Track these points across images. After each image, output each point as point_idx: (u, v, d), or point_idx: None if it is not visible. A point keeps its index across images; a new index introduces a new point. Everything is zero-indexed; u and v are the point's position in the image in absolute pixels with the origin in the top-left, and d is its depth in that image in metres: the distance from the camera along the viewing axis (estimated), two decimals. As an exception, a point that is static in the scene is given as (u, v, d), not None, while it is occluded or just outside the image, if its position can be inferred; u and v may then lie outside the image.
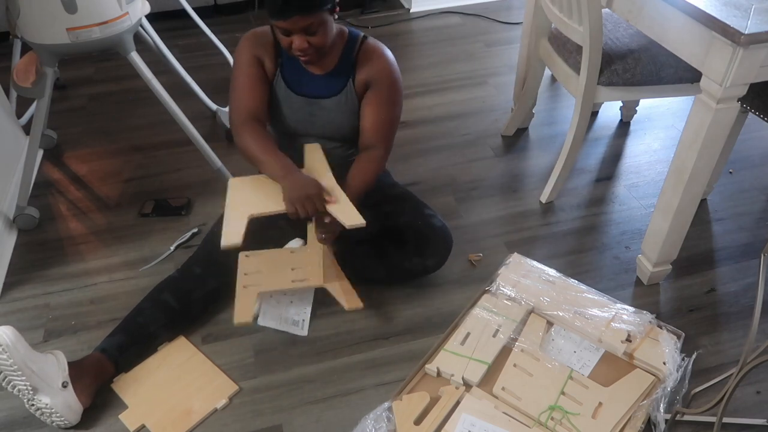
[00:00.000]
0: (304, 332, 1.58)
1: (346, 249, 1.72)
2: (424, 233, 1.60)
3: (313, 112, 1.55)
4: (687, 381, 1.43)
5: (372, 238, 1.65)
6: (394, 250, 1.63)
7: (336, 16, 1.43)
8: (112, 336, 1.49)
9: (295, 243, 1.67)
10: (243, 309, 1.48)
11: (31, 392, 1.28)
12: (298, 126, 1.58)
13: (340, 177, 1.51)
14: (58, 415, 1.32)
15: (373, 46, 1.54)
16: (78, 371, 1.38)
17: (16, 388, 1.28)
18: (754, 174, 2.09)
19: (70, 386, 1.34)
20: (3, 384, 1.28)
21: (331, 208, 1.42)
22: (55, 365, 1.34)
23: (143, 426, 1.38)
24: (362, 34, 1.55)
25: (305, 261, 1.56)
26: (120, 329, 1.50)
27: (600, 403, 1.37)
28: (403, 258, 1.61)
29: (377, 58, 1.52)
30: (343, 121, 1.57)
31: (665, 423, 1.33)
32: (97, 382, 1.42)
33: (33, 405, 1.31)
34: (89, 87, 2.68)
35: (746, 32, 1.18)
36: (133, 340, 1.49)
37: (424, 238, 1.60)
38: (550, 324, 1.57)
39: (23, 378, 1.26)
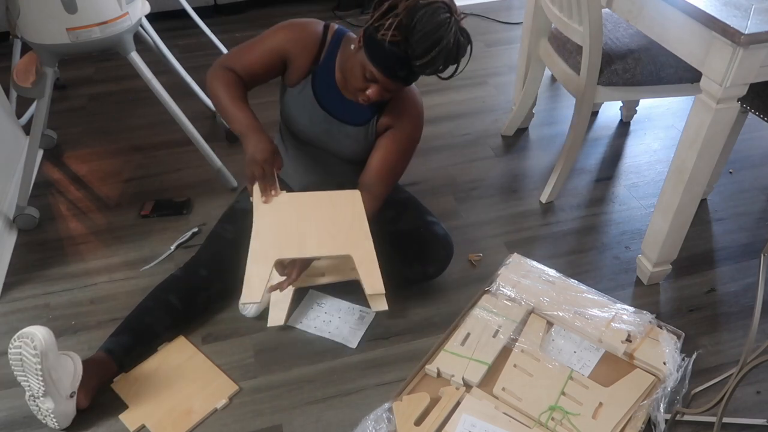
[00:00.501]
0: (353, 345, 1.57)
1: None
2: (426, 241, 1.60)
3: (331, 131, 1.52)
4: (687, 381, 1.43)
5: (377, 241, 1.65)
6: (394, 256, 1.62)
7: None
8: (117, 336, 1.48)
9: None
10: (276, 312, 1.55)
11: (40, 394, 1.29)
12: (312, 137, 1.54)
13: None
14: (53, 419, 1.33)
15: (409, 94, 1.50)
16: (86, 374, 1.38)
17: (28, 385, 1.29)
18: (754, 174, 2.09)
19: (75, 396, 1.35)
20: (18, 375, 1.29)
21: (361, 269, 1.39)
22: (71, 374, 1.34)
23: (143, 426, 1.38)
24: None
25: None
26: (125, 329, 1.49)
27: (600, 404, 1.37)
28: (404, 265, 1.61)
29: (407, 107, 1.49)
30: (357, 151, 1.54)
31: (665, 423, 1.33)
32: (100, 384, 1.42)
33: (34, 403, 1.32)
34: (89, 87, 2.68)
35: (746, 32, 1.18)
36: (139, 341, 1.49)
37: (425, 245, 1.60)
38: (550, 324, 1.57)
39: (42, 383, 1.27)
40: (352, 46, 1.37)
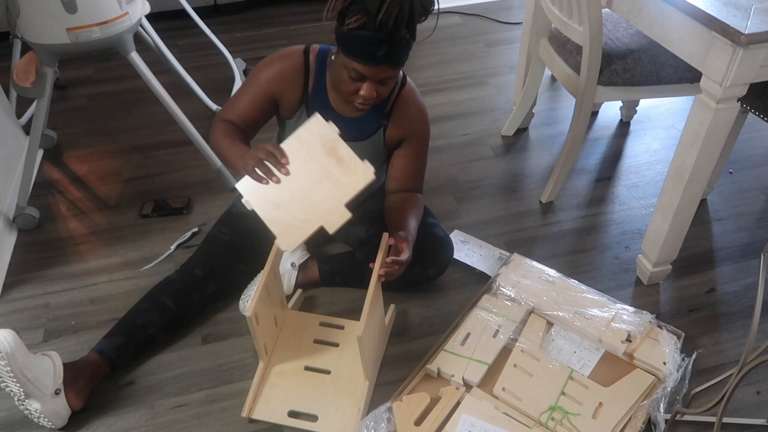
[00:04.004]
0: None
1: (344, 254, 1.72)
2: (427, 244, 1.59)
3: None
4: (687, 381, 1.43)
5: (373, 244, 1.64)
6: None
7: None
8: (109, 337, 1.48)
9: None
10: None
11: (23, 396, 1.29)
12: None
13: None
14: (44, 419, 1.33)
15: (410, 97, 1.47)
16: (73, 373, 1.38)
17: (9, 389, 1.29)
18: (754, 174, 2.09)
19: (62, 393, 1.35)
20: None
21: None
22: (50, 372, 1.33)
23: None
24: (400, 74, 1.45)
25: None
26: (117, 330, 1.49)
27: (600, 404, 1.37)
28: None
29: (414, 113, 1.48)
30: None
31: (665, 423, 1.33)
32: (92, 384, 1.42)
33: (23, 406, 1.32)
34: (89, 87, 2.68)
35: (746, 32, 1.18)
36: (131, 342, 1.49)
37: (426, 248, 1.59)
38: (550, 324, 1.57)
39: (17, 384, 1.27)
40: (333, 57, 1.35)
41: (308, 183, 1.28)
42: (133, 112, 2.50)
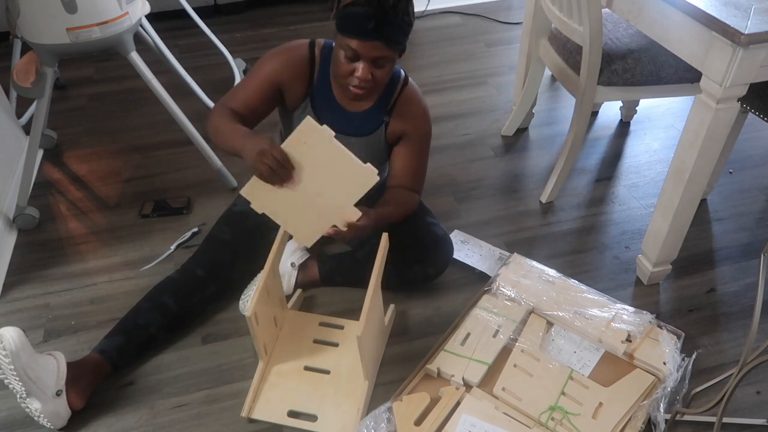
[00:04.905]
0: None
1: (344, 254, 1.72)
2: (426, 243, 1.60)
3: None
4: (687, 381, 1.43)
5: (373, 244, 1.64)
6: (394, 257, 1.62)
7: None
8: (110, 337, 1.48)
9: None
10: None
11: (24, 395, 1.29)
12: None
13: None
14: (44, 419, 1.33)
15: (412, 95, 1.50)
16: (75, 373, 1.38)
17: (11, 386, 1.29)
18: (754, 174, 2.09)
19: (63, 394, 1.35)
20: (1, 377, 1.29)
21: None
22: (54, 372, 1.33)
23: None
24: (402, 74, 1.51)
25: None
26: (119, 330, 1.49)
27: (600, 403, 1.37)
28: (403, 267, 1.61)
29: (415, 111, 1.50)
30: (365, 160, 1.54)
31: (665, 423, 1.33)
32: (94, 384, 1.42)
33: (25, 404, 1.32)
34: (89, 87, 2.68)
35: (746, 32, 1.18)
36: (132, 342, 1.49)
37: (425, 247, 1.60)
38: (550, 324, 1.57)
39: (20, 383, 1.27)
40: (334, 44, 1.37)
41: (314, 186, 1.31)
42: (133, 112, 2.50)
